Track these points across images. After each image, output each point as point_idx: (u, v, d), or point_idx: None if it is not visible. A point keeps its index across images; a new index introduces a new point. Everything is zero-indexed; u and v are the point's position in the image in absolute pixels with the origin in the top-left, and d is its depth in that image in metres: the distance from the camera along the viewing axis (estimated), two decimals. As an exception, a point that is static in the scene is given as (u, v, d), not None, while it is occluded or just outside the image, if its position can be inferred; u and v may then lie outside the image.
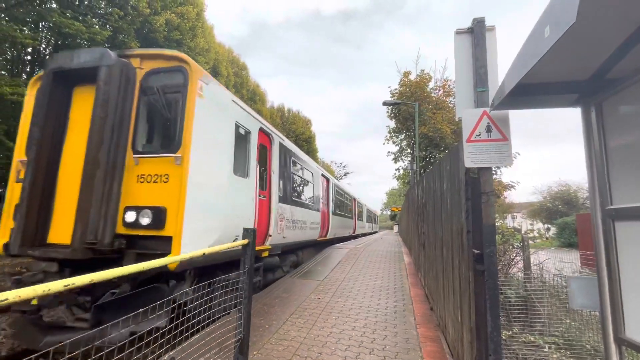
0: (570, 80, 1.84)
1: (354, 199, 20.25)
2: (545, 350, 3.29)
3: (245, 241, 2.64)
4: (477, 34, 2.37)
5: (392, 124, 18.12)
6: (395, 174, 20.25)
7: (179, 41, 14.84)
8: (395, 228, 37.41)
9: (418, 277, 6.92)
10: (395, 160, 18.87)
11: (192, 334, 2.64)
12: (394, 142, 18.54)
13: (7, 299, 0.93)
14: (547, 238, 24.55)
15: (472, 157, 2.23)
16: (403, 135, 18.09)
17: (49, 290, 1.08)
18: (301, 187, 8.99)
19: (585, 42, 1.46)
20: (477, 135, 2.23)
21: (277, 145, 6.69)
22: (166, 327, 2.09)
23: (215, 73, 18.36)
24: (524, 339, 3.42)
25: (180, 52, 4.11)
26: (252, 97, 24.73)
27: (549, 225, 30.20)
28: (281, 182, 6.84)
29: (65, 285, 1.14)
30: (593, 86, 1.81)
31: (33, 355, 1.22)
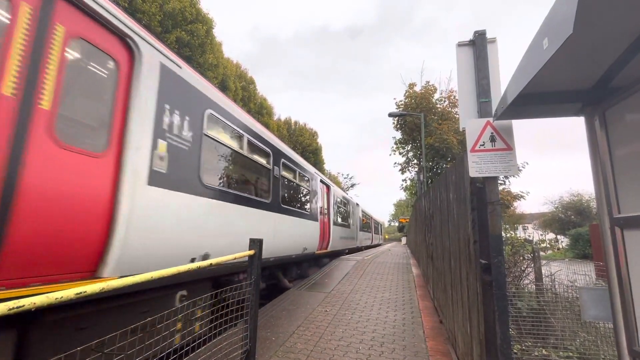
0: (573, 89, 1.85)
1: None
2: (559, 365, 3.19)
3: (252, 252, 2.66)
4: (478, 46, 2.41)
5: (398, 135, 18.16)
6: (402, 184, 20.16)
7: (189, 57, 15.28)
8: (404, 240, 36.95)
9: (427, 290, 6.80)
10: (402, 171, 18.80)
11: (198, 346, 2.64)
12: (400, 153, 18.53)
13: (23, 306, 0.97)
14: (559, 249, 23.92)
15: (476, 167, 2.24)
16: (409, 146, 18.07)
17: (62, 297, 1.11)
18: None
19: (585, 52, 1.48)
20: (481, 145, 2.24)
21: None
22: (172, 339, 2.10)
23: (223, 87, 18.77)
24: (537, 353, 3.32)
25: None
26: (259, 110, 25.13)
27: (557, 236, 29.46)
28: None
29: (76, 294, 1.17)
30: (596, 95, 1.82)
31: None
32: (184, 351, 2.17)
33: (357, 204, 18.67)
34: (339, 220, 12.44)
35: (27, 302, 1.00)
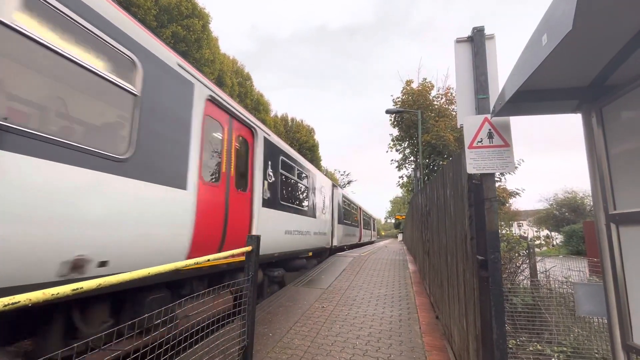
0: (570, 86, 1.86)
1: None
2: (553, 359, 3.23)
3: (249, 248, 2.66)
4: (477, 43, 2.41)
5: (395, 132, 18.19)
6: (398, 181, 20.24)
7: (185, 53, 15.15)
8: (400, 236, 37.10)
9: (423, 286, 6.85)
10: (399, 168, 18.87)
11: (196, 342, 2.64)
12: (397, 150, 18.58)
13: (19, 302, 0.96)
14: (553, 246, 24.18)
15: (474, 163, 2.24)
16: (406, 143, 18.12)
17: (58, 294, 1.10)
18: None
19: (583, 49, 1.48)
20: (478, 142, 2.24)
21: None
22: (169, 335, 2.09)
23: (220, 83, 18.65)
24: (531, 348, 3.36)
25: None
26: (256, 106, 25.02)
27: (548, 232, 29.73)
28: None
29: (73, 290, 1.16)
30: (593, 92, 1.83)
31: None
32: (182, 347, 2.17)
33: (336, 186, 13.36)
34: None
35: (23, 298, 0.99)
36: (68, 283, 1.21)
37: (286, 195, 6.77)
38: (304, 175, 8.24)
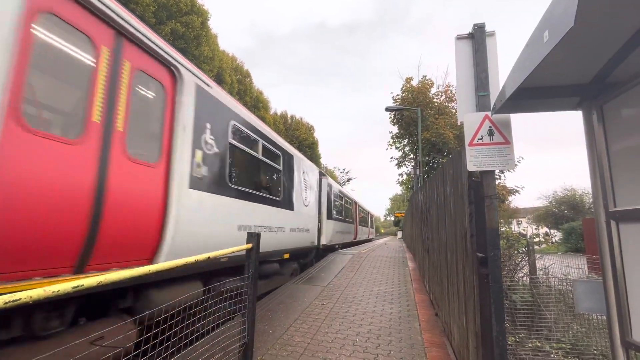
0: (571, 83, 1.85)
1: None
2: (552, 356, 3.25)
3: (249, 245, 2.66)
4: (477, 40, 2.40)
5: (395, 129, 18.18)
6: (398, 179, 20.26)
7: (184, 49, 15.08)
8: (399, 234, 37.16)
9: (422, 283, 6.87)
10: (399, 165, 18.89)
11: (197, 339, 2.64)
12: (396, 148, 18.59)
13: (20, 299, 0.96)
14: (552, 243, 24.24)
15: (474, 161, 2.24)
16: (406, 141, 18.13)
17: (59, 291, 1.10)
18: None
19: (584, 46, 1.48)
20: (479, 139, 2.24)
21: None
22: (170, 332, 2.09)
23: (219, 80, 18.60)
24: (530, 345, 3.38)
25: None
26: (255, 104, 24.97)
27: (547, 230, 29.76)
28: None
29: (74, 287, 1.16)
30: (594, 89, 1.83)
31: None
32: (182, 344, 2.18)
33: (324, 175, 11.69)
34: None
35: (24, 296, 0.99)
36: None
37: (242, 176, 4.95)
38: (275, 153, 6.32)
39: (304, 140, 32.30)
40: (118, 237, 2.67)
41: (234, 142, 4.58)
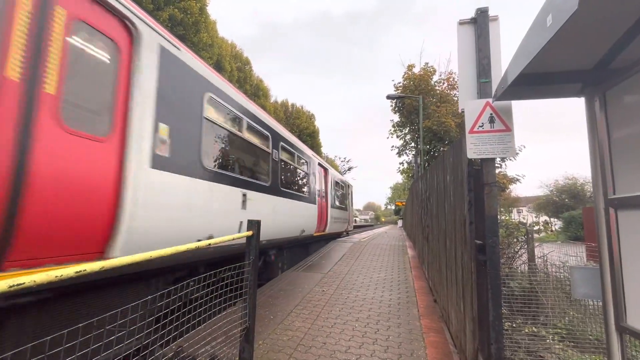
0: (574, 69, 1.83)
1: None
2: (547, 341, 3.31)
3: (250, 233, 2.68)
4: (480, 25, 2.35)
5: (396, 117, 18.04)
6: (399, 167, 20.23)
7: (183, 36, 14.85)
8: (400, 222, 37.37)
9: (422, 270, 6.95)
10: (400, 154, 18.82)
11: (199, 324, 2.70)
12: (397, 136, 18.48)
13: (24, 283, 0.97)
14: (552, 231, 24.34)
15: (474, 148, 2.23)
16: (407, 129, 18.01)
17: (62, 275, 1.12)
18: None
19: (587, 30, 1.45)
20: (479, 126, 2.23)
21: None
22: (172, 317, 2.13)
23: (218, 68, 18.36)
24: (527, 330, 3.44)
25: None
26: (255, 92, 24.72)
27: (547, 218, 29.82)
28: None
29: (76, 272, 1.18)
30: (597, 76, 1.80)
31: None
32: (185, 328, 2.22)
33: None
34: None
35: (27, 280, 1.01)
36: None
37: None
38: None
39: (305, 129, 32.13)
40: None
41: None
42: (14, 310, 2.15)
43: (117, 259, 1.36)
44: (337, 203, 12.52)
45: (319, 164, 9.96)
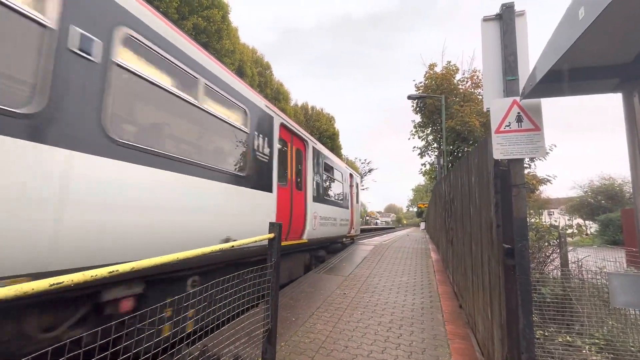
0: (610, 64, 1.73)
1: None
2: (584, 351, 3.12)
3: (272, 235, 2.71)
4: (505, 20, 2.27)
5: (418, 118, 17.71)
6: (421, 169, 19.81)
7: (206, 44, 15.33)
8: (422, 225, 36.55)
9: (446, 274, 6.76)
10: (421, 155, 18.44)
11: (222, 324, 2.76)
12: (419, 137, 18.12)
13: (62, 282, 1.04)
14: (587, 234, 22.92)
15: (501, 149, 2.15)
16: (429, 130, 17.63)
17: (96, 275, 1.18)
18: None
19: (625, 21, 1.36)
20: (506, 126, 2.14)
21: None
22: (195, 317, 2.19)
23: (240, 73, 18.80)
24: (560, 339, 3.26)
25: None
26: (275, 96, 25.07)
27: (581, 221, 28.08)
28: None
29: (110, 272, 1.24)
30: (636, 69, 1.69)
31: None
32: (209, 328, 2.28)
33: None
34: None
35: (66, 279, 1.07)
36: None
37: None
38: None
39: (325, 131, 32.21)
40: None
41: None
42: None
43: (147, 260, 1.42)
44: (327, 196, 8.63)
45: (282, 124, 5.74)
